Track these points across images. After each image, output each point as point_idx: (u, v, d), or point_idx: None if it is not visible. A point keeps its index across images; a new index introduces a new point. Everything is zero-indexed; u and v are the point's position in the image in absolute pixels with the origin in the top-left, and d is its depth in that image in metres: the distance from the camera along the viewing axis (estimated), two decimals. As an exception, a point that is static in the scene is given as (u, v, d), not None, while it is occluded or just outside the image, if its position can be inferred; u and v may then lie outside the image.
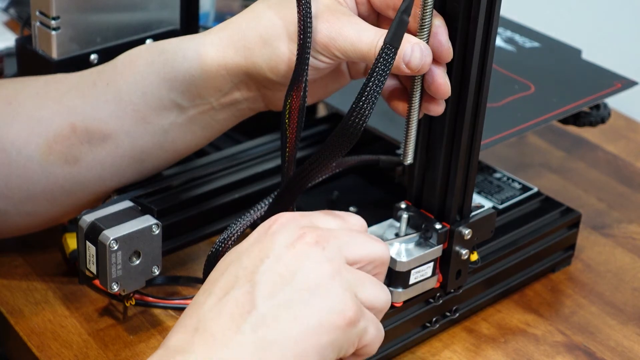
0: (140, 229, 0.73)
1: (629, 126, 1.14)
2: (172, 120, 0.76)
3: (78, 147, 0.76)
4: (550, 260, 0.87)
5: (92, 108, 0.75)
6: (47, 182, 0.76)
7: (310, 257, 0.61)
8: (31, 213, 0.78)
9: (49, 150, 0.75)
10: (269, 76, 0.73)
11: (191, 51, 0.74)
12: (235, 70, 0.73)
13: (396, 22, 0.65)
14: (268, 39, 0.72)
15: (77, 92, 0.76)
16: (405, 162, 0.73)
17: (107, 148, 0.76)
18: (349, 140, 0.66)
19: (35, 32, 0.85)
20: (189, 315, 0.61)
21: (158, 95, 0.75)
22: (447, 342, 0.79)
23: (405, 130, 0.72)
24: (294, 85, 0.70)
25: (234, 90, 0.75)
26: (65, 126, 0.75)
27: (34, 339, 0.76)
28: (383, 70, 0.65)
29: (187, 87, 0.74)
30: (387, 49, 0.65)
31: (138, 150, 0.77)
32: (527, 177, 1.00)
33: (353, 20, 0.70)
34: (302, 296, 0.60)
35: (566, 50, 1.00)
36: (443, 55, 0.69)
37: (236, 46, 0.73)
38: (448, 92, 0.70)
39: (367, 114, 0.65)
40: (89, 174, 0.77)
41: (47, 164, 0.76)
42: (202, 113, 0.76)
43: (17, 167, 0.75)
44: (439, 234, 0.74)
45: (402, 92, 0.72)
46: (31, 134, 0.75)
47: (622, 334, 0.82)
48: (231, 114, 0.77)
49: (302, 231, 0.62)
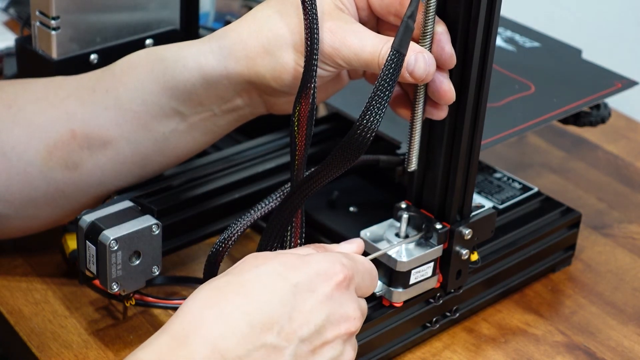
0: (140, 229, 0.73)
1: (629, 126, 1.14)
2: (173, 128, 0.76)
3: (78, 152, 0.76)
4: (551, 260, 0.87)
5: (92, 114, 0.75)
6: (48, 187, 0.76)
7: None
8: (32, 216, 0.78)
9: (49, 156, 0.75)
10: (272, 85, 0.72)
11: (191, 60, 0.73)
12: (237, 79, 0.73)
13: (402, 29, 0.65)
14: (270, 49, 0.71)
15: (76, 98, 0.76)
16: (409, 169, 0.73)
17: (108, 154, 0.76)
18: (359, 148, 0.65)
19: (35, 32, 0.85)
20: None
21: (159, 103, 0.75)
22: (447, 342, 0.79)
23: (409, 136, 0.72)
24: (302, 93, 0.69)
25: (236, 97, 0.75)
26: (65, 132, 0.75)
27: (33, 339, 0.76)
28: (393, 75, 0.64)
29: (188, 95, 0.74)
30: (395, 55, 0.65)
31: (139, 156, 0.77)
32: (527, 177, 1.00)
33: (355, 28, 0.69)
34: None
35: (566, 50, 1.00)
36: (446, 63, 0.69)
37: (237, 56, 0.72)
38: (452, 98, 0.70)
39: (378, 119, 0.64)
40: (89, 179, 0.77)
41: (47, 169, 0.76)
42: (204, 120, 0.76)
43: (17, 172, 0.75)
44: (439, 234, 0.74)
45: (405, 98, 0.72)
46: (31, 139, 0.75)
47: (623, 334, 0.82)
48: (232, 119, 0.77)
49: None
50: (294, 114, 0.69)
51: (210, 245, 0.75)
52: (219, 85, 0.73)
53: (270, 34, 0.71)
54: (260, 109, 0.77)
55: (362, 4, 0.72)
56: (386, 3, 0.71)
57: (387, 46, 0.68)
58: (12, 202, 0.76)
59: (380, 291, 0.74)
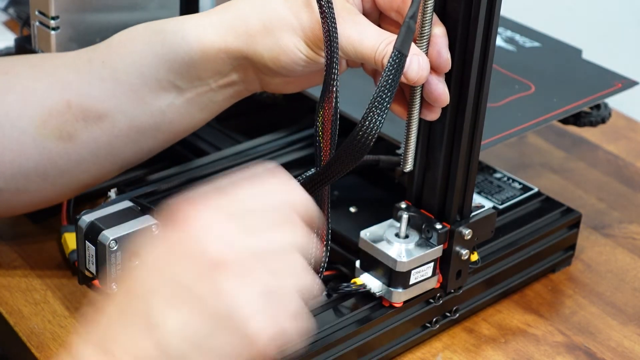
0: (140, 229, 0.73)
1: (629, 126, 1.14)
2: (169, 102, 0.75)
3: (73, 123, 0.75)
4: (551, 260, 0.87)
5: (88, 85, 0.75)
6: (41, 158, 0.75)
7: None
8: (22, 190, 0.77)
9: (44, 125, 0.74)
10: (269, 65, 0.72)
11: (191, 33, 0.73)
12: (235, 55, 0.73)
13: (404, 29, 0.64)
14: (272, 29, 0.71)
15: (72, 67, 0.76)
16: (405, 169, 0.73)
17: (103, 126, 0.75)
18: (360, 152, 0.65)
19: (35, 32, 0.85)
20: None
21: (156, 76, 0.74)
22: (447, 343, 0.79)
23: (405, 137, 0.72)
24: (324, 95, 0.68)
25: (233, 72, 0.75)
26: (60, 101, 0.75)
27: (33, 340, 0.76)
28: (395, 75, 0.64)
29: (186, 68, 0.74)
30: (397, 56, 0.64)
31: (134, 130, 0.76)
32: (527, 177, 0.99)
33: (357, 19, 0.69)
34: None
35: (567, 50, 1.00)
36: (441, 66, 0.69)
37: (237, 31, 0.72)
38: (446, 101, 0.70)
39: (379, 122, 0.64)
40: (83, 151, 0.76)
41: (41, 138, 0.75)
42: (200, 95, 0.76)
43: (10, 140, 0.74)
44: (439, 234, 0.74)
45: (401, 96, 0.72)
46: (25, 106, 0.74)
47: (623, 334, 0.81)
48: (228, 95, 0.77)
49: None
50: (317, 118, 0.69)
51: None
52: (217, 59, 0.73)
53: (272, 13, 0.71)
54: (255, 86, 0.77)
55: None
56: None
57: (385, 42, 0.68)
58: (4, 172, 0.75)
59: (380, 291, 0.74)
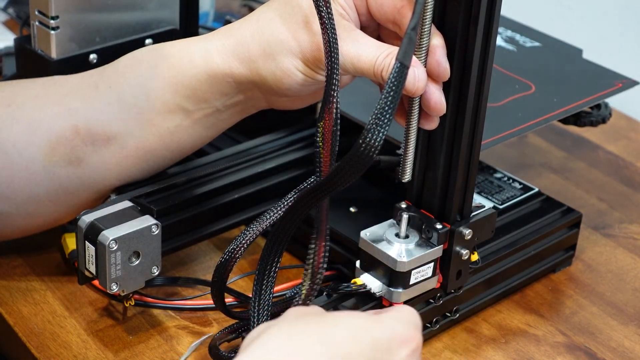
0: (139, 229, 0.73)
1: (629, 126, 1.14)
2: (177, 123, 0.76)
3: (82, 148, 0.75)
4: (551, 260, 0.87)
5: (95, 110, 0.75)
6: (51, 183, 0.76)
7: None
8: (33, 214, 0.78)
9: (52, 152, 0.75)
10: (274, 88, 0.73)
11: (198, 57, 0.74)
12: (241, 79, 0.74)
13: (406, 41, 0.64)
14: (271, 53, 0.72)
15: (78, 94, 0.76)
16: (404, 180, 0.73)
17: (112, 149, 0.76)
18: (362, 164, 0.63)
19: (35, 32, 0.85)
20: None
21: (163, 99, 0.75)
22: (448, 343, 0.79)
23: (404, 148, 0.72)
24: (324, 107, 0.68)
25: (239, 93, 0.75)
26: (68, 128, 0.75)
27: (33, 340, 0.76)
28: (397, 87, 0.63)
29: (193, 91, 0.74)
30: (399, 68, 0.63)
31: (143, 150, 0.77)
32: (527, 177, 0.99)
33: (353, 36, 0.70)
34: None
35: (567, 50, 1.00)
36: (440, 76, 0.69)
37: (240, 57, 0.73)
38: (443, 110, 0.70)
39: (381, 135, 0.62)
40: (93, 174, 0.77)
41: (50, 165, 0.75)
42: (208, 115, 0.76)
43: (19, 169, 0.75)
44: (439, 234, 0.74)
45: (400, 105, 0.72)
46: (32, 135, 0.75)
47: (623, 335, 0.81)
48: (235, 113, 0.77)
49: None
50: (318, 128, 0.69)
51: (210, 245, 0.75)
52: (224, 82, 0.74)
53: (271, 38, 0.72)
54: (262, 104, 0.78)
55: (362, 10, 0.72)
56: (384, 11, 0.71)
57: (383, 55, 0.68)
58: (14, 199, 0.76)
59: (380, 291, 0.74)
